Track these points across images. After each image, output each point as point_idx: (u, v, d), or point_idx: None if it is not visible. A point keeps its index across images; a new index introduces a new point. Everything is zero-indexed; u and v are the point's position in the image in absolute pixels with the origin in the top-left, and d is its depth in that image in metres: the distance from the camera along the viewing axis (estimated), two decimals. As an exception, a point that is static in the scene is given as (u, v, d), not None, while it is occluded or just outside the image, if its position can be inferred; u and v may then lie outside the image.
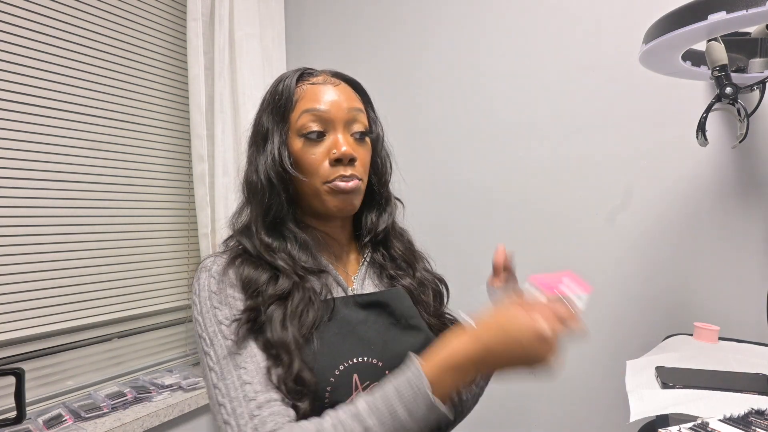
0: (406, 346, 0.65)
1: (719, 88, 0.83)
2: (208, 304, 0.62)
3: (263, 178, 0.68)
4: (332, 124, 0.67)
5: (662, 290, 1.16)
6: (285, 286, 0.62)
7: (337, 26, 1.62)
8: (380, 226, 0.75)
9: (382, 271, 0.75)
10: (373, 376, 0.62)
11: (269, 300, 0.61)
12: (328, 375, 0.60)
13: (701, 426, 0.55)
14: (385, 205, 0.77)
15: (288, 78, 0.70)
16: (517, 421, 1.32)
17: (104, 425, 1.10)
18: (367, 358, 0.63)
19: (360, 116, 0.70)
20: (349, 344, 0.63)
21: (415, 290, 0.74)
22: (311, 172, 0.67)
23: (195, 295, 0.64)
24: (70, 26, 1.21)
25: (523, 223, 1.32)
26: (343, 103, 0.68)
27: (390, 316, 0.69)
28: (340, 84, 0.70)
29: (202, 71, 1.40)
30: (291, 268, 0.64)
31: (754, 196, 1.07)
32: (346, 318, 0.65)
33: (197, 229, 1.44)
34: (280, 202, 0.67)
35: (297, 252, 0.67)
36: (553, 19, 1.28)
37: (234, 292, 0.63)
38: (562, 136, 1.27)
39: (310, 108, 0.67)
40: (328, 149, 0.67)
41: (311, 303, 0.62)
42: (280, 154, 0.67)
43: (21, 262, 1.13)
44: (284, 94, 0.69)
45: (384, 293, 0.71)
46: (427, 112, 1.47)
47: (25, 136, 1.13)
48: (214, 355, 0.59)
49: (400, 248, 0.77)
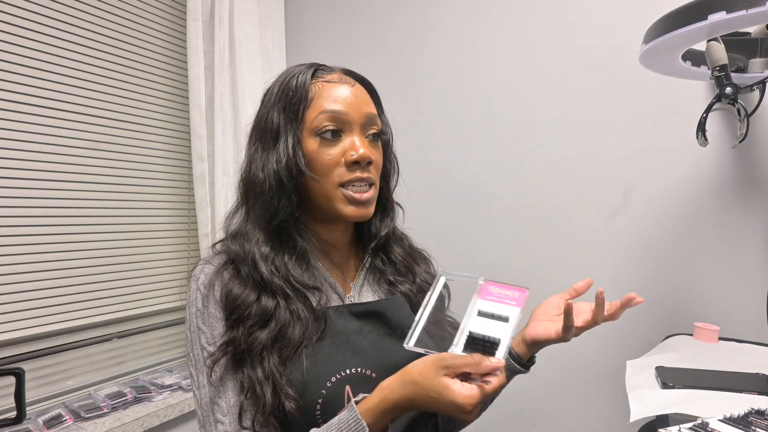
0: (403, 356, 0.63)
1: (719, 88, 0.83)
2: (194, 323, 0.63)
3: (272, 179, 0.64)
4: (349, 126, 0.65)
5: (662, 290, 1.16)
6: (269, 306, 0.61)
7: (336, 26, 1.62)
8: (382, 231, 0.73)
9: (381, 276, 0.74)
10: (367, 387, 0.60)
11: (250, 329, 0.60)
12: (320, 387, 0.59)
13: (701, 426, 0.55)
14: (388, 210, 0.75)
15: (301, 74, 0.66)
16: (517, 421, 1.32)
17: (104, 425, 1.10)
18: (361, 369, 0.62)
19: (376, 119, 0.68)
20: (342, 355, 0.62)
21: (414, 297, 0.72)
22: (325, 174, 0.64)
23: (186, 306, 0.65)
24: (70, 26, 1.21)
25: (522, 222, 1.32)
26: (360, 105, 0.66)
27: (385, 326, 0.67)
28: (355, 84, 0.68)
29: (202, 71, 1.40)
30: (280, 284, 0.62)
31: (754, 196, 1.07)
32: (340, 328, 0.64)
33: (197, 229, 1.44)
34: (289, 205, 0.64)
35: (293, 264, 0.64)
36: (553, 19, 1.28)
37: (217, 311, 0.63)
38: (562, 136, 1.27)
39: (329, 108, 0.64)
40: (344, 150, 0.64)
41: (297, 321, 0.61)
42: (294, 153, 0.63)
43: (21, 262, 1.13)
44: (298, 91, 0.65)
45: (380, 302, 0.69)
46: (426, 112, 1.47)
47: (25, 136, 1.13)
48: (196, 379, 0.63)
49: (400, 253, 0.75)
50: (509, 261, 1.34)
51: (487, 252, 1.37)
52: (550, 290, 1.27)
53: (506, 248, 1.35)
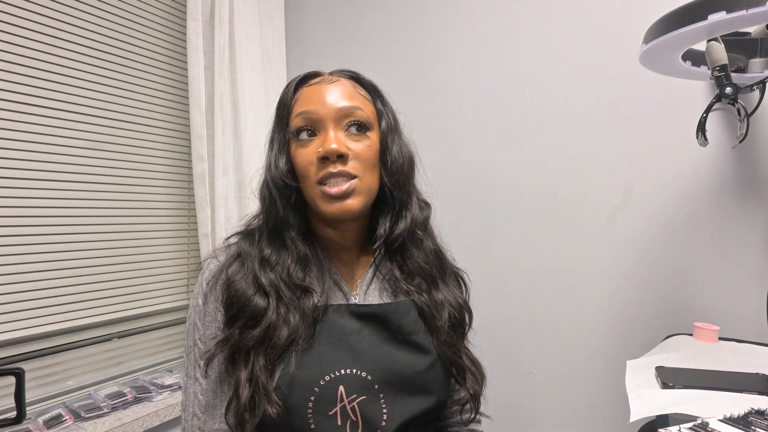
0: (401, 362, 0.63)
1: (719, 88, 0.83)
2: (193, 318, 0.66)
3: (266, 186, 0.68)
4: (323, 123, 0.65)
5: (662, 290, 1.16)
6: (261, 305, 0.62)
7: (337, 26, 1.62)
8: (395, 232, 0.68)
9: (396, 282, 0.69)
10: (361, 390, 0.60)
11: (242, 327, 0.61)
12: (312, 385, 0.59)
13: (701, 426, 0.55)
14: (400, 209, 0.69)
15: (290, 84, 0.69)
16: (517, 421, 1.32)
17: (104, 425, 1.10)
18: (356, 371, 0.61)
19: (356, 111, 0.65)
20: (338, 355, 0.62)
21: (427, 309, 0.68)
22: (304, 175, 0.65)
23: (191, 298, 0.68)
24: (70, 26, 1.21)
25: (522, 222, 1.32)
26: (335, 100, 0.65)
27: (386, 330, 0.65)
28: (338, 80, 0.67)
29: (202, 71, 1.40)
30: (275, 285, 0.63)
31: (754, 196, 1.07)
32: (338, 327, 0.63)
33: (197, 229, 1.44)
34: (277, 211, 0.66)
35: (294, 267, 0.65)
36: (553, 19, 1.28)
37: (215, 310, 0.65)
38: (562, 136, 1.27)
39: (301, 110, 0.65)
40: (317, 149, 0.64)
41: (284, 324, 0.61)
42: (276, 161, 0.67)
43: (21, 262, 1.13)
44: (285, 100, 0.68)
45: (383, 306, 0.67)
46: (428, 112, 1.46)
47: (25, 136, 1.13)
48: (185, 371, 0.66)
49: (419, 260, 0.70)
50: (508, 260, 1.34)
51: (487, 251, 1.37)
52: (549, 289, 1.28)
53: (506, 248, 1.34)
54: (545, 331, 1.29)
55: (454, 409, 0.77)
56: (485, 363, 0.75)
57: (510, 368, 1.33)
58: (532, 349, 1.31)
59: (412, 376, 0.64)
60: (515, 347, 1.33)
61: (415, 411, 0.63)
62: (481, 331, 0.83)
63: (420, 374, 0.64)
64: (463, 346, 0.72)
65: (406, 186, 0.70)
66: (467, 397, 0.70)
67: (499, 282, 1.35)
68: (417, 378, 0.64)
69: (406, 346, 0.65)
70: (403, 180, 0.69)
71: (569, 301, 1.26)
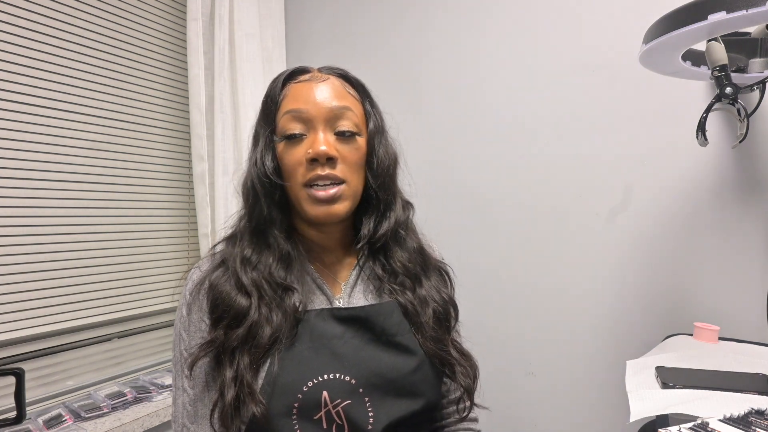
0: (386, 364, 0.62)
1: (719, 88, 0.83)
2: (178, 328, 0.66)
3: (249, 184, 0.67)
4: (312, 124, 0.63)
5: (662, 290, 1.16)
6: (243, 304, 0.61)
7: (337, 26, 1.62)
8: (378, 233, 0.68)
9: (380, 283, 0.69)
10: (345, 394, 0.59)
11: (226, 327, 0.61)
12: (295, 391, 0.58)
13: (701, 426, 0.55)
14: (384, 210, 0.69)
15: (277, 79, 0.68)
16: (517, 421, 1.32)
17: (104, 425, 1.10)
18: (340, 375, 0.60)
19: (347, 113, 0.65)
20: (320, 360, 0.61)
21: (411, 308, 0.67)
22: (291, 175, 0.64)
23: (177, 309, 0.69)
24: (70, 26, 1.21)
25: (522, 222, 1.32)
26: (326, 100, 0.64)
27: (369, 332, 0.64)
28: (328, 79, 0.66)
29: (202, 71, 1.40)
30: (258, 284, 0.63)
31: (754, 196, 1.07)
32: (320, 332, 0.63)
33: (197, 229, 1.44)
34: (260, 209, 0.66)
35: (275, 266, 0.64)
36: (553, 19, 1.28)
37: (199, 320, 0.65)
38: (561, 136, 1.27)
39: (291, 108, 0.64)
40: (306, 150, 0.63)
41: (267, 323, 0.60)
42: (263, 158, 0.65)
43: (21, 262, 1.13)
44: (271, 96, 0.67)
45: (365, 308, 0.66)
46: (427, 112, 1.46)
47: (25, 136, 1.13)
48: (173, 378, 0.66)
49: (402, 259, 0.69)
50: (508, 261, 1.34)
51: (486, 252, 1.37)
52: (548, 290, 1.28)
53: (505, 248, 1.34)
54: (545, 331, 1.29)
55: (450, 409, 0.76)
56: (485, 363, 0.75)
57: (510, 368, 1.33)
58: (532, 349, 1.31)
59: (398, 378, 0.63)
60: (515, 347, 1.33)
61: (402, 413, 0.62)
62: (481, 332, 0.83)
63: (406, 376, 0.63)
64: (451, 340, 0.70)
65: (391, 187, 0.70)
66: (461, 394, 0.70)
67: (499, 282, 1.35)
68: (403, 380, 0.63)
69: (390, 347, 0.64)
70: (388, 181, 0.69)
71: (569, 301, 1.26)
